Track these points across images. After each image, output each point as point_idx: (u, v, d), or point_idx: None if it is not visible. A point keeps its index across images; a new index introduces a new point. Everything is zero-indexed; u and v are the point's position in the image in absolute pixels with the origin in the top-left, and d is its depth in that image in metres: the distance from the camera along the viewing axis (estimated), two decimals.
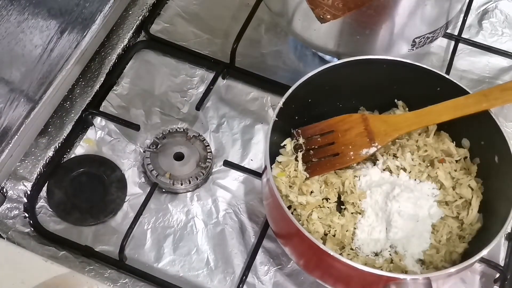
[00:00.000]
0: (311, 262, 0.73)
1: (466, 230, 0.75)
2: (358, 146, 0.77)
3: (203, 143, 0.87)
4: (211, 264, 0.81)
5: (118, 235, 0.81)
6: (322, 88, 0.78)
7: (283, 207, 0.68)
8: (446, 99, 0.79)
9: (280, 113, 0.74)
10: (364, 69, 0.78)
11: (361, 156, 0.77)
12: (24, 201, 0.83)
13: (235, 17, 1.01)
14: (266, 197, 0.76)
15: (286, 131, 0.80)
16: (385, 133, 0.77)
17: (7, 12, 0.71)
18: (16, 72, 0.77)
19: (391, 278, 0.65)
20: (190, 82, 0.95)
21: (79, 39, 0.87)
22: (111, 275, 0.79)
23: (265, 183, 0.74)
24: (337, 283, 0.72)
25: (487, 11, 1.03)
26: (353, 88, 0.81)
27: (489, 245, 0.66)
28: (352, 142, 0.77)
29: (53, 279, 0.68)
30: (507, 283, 0.80)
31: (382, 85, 0.80)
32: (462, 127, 0.78)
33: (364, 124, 0.78)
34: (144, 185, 0.85)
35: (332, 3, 0.78)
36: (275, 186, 0.69)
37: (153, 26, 1.00)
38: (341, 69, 0.77)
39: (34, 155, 0.86)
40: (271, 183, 0.69)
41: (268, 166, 0.71)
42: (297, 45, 0.97)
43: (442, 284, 0.72)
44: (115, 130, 0.89)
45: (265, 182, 0.73)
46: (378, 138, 0.77)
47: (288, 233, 0.73)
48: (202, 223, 0.83)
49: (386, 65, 0.78)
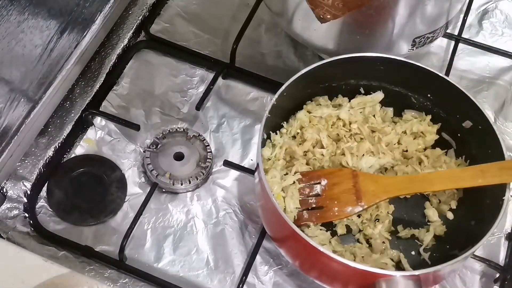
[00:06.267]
0: (306, 263, 0.73)
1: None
2: (343, 202, 0.75)
3: (203, 143, 0.87)
4: (211, 264, 0.81)
5: (118, 235, 0.81)
6: (316, 86, 0.79)
7: (277, 209, 0.68)
8: (445, 99, 0.79)
9: (273, 110, 0.74)
10: (359, 67, 0.78)
11: (345, 213, 0.75)
12: (24, 201, 0.83)
13: (235, 17, 1.01)
14: (258, 197, 0.76)
15: (280, 128, 0.80)
16: (374, 193, 0.75)
17: (7, 12, 0.71)
18: (16, 72, 0.77)
19: (381, 274, 0.65)
20: (190, 82, 0.95)
21: (79, 39, 0.87)
22: (111, 275, 0.79)
23: (257, 182, 0.74)
24: (333, 282, 0.72)
25: (487, 11, 1.03)
26: (347, 86, 0.81)
27: (477, 245, 0.67)
28: (338, 197, 0.76)
29: (53, 279, 0.68)
30: (507, 283, 0.80)
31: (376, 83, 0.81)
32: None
33: (354, 181, 0.76)
34: (144, 185, 0.85)
35: (332, 3, 0.78)
36: (268, 186, 0.69)
37: (153, 26, 1.00)
38: (337, 66, 0.77)
39: (34, 155, 0.86)
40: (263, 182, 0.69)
41: (260, 164, 0.71)
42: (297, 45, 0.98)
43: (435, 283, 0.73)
44: (115, 130, 0.89)
45: (257, 181, 0.73)
46: (366, 198, 0.75)
47: (282, 234, 0.73)
48: (202, 223, 0.83)
49: (380, 62, 0.78)
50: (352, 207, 0.75)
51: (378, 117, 0.82)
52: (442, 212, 0.79)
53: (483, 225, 0.70)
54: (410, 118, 0.82)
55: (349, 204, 0.75)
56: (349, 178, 0.76)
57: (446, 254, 0.74)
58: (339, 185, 0.76)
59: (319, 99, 0.81)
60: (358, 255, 0.75)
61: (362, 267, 0.65)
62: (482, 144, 0.76)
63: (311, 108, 0.81)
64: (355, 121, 0.81)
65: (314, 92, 0.81)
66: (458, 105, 0.77)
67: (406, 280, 0.65)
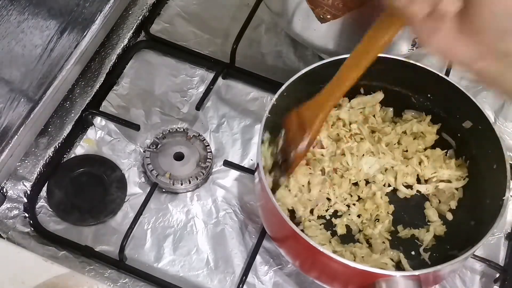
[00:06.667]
0: (306, 263, 0.73)
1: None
2: (296, 143, 0.74)
3: (203, 143, 0.87)
4: (211, 264, 0.81)
5: (118, 235, 0.81)
6: (316, 86, 0.79)
7: (277, 209, 0.68)
8: (445, 99, 0.79)
9: (273, 110, 0.74)
10: None
11: (300, 154, 0.74)
12: (24, 201, 0.83)
13: (235, 17, 1.01)
14: (258, 197, 0.76)
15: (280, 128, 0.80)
16: (310, 118, 0.73)
17: (7, 12, 0.71)
18: (16, 72, 0.77)
19: (381, 274, 0.65)
20: (190, 82, 0.95)
21: (79, 39, 0.87)
22: (111, 275, 0.79)
23: (257, 182, 0.74)
24: (332, 282, 0.72)
25: None
26: None
27: (476, 245, 0.67)
28: (293, 141, 0.74)
29: (53, 279, 0.68)
30: (507, 283, 0.80)
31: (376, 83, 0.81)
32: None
33: (297, 119, 0.74)
34: (144, 185, 0.85)
35: (332, 3, 0.78)
36: (268, 186, 0.69)
37: (153, 26, 1.00)
38: (337, 66, 0.77)
39: (34, 155, 0.86)
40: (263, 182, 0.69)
41: (260, 164, 0.71)
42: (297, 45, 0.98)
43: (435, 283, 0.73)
44: (115, 130, 0.89)
45: (257, 181, 0.73)
46: (308, 127, 0.73)
47: (282, 234, 0.73)
48: (202, 223, 0.83)
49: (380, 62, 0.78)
50: (302, 142, 0.73)
51: (378, 117, 0.82)
52: (442, 212, 0.79)
53: (483, 225, 0.70)
54: (410, 118, 0.82)
55: (300, 142, 0.73)
56: (295, 119, 0.74)
57: (446, 254, 0.74)
58: (291, 130, 0.74)
59: None
60: (358, 255, 0.75)
61: (362, 267, 0.65)
62: (482, 144, 0.76)
63: None
64: (355, 121, 0.81)
65: (315, 92, 0.81)
66: (458, 105, 0.77)
67: (406, 280, 0.65)
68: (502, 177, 0.71)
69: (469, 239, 0.71)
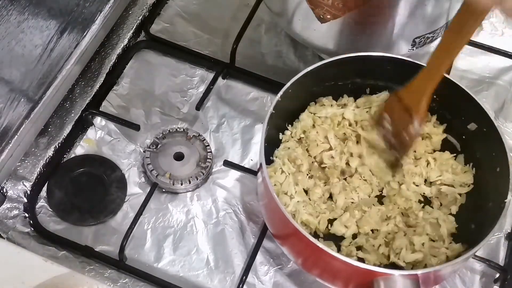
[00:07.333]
0: (308, 261, 0.73)
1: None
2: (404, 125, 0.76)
3: (203, 143, 0.87)
4: (211, 264, 0.81)
5: (118, 235, 0.81)
6: (321, 84, 0.79)
7: (279, 206, 0.68)
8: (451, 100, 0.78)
9: (278, 107, 0.74)
10: (365, 66, 0.78)
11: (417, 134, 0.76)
12: (24, 201, 0.83)
13: (235, 17, 1.01)
14: (261, 196, 0.76)
15: (282, 128, 0.80)
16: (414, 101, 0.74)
17: (7, 12, 0.71)
18: (16, 72, 0.77)
19: (380, 273, 0.65)
20: (190, 82, 0.95)
21: (79, 39, 0.87)
22: (111, 275, 0.79)
23: (260, 181, 0.74)
24: (334, 280, 0.72)
25: None
26: (353, 85, 0.81)
27: (477, 246, 0.67)
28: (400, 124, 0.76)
29: (53, 279, 0.68)
30: (507, 283, 0.80)
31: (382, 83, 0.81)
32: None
33: (399, 104, 0.76)
34: (144, 185, 0.85)
35: (332, 3, 0.78)
36: (271, 185, 0.69)
37: (153, 26, 1.00)
38: (343, 65, 0.77)
39: (34, 155, 0.86)
40: (266, 181, 0.69)
41: (263, 163, 0.71)
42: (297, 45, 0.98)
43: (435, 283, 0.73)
44: (115, 130, 0.89)
45: (260, 181, 0.73)
46: (414, 110, 0.74)
47: (285, 233, 0.73)
48: (202, 223, 0.83)
49: (387, 62, 0.78)
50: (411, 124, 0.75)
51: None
52: None
53: (484, 227, 0.70)
54: None
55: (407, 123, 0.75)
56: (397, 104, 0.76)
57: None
58: (395, 114, 0.77)
59: (323, 99, 0.81)
60: (358, 254, 0.75)
61: (362, 265, 0.66)
62: (486, 147, 0.75)
63: (315, 110, 0.81)
64: (361, 121, 0.81)
65: (319, 91, 0.81)
66: (463, 107, 0.77)
67: (404, 279, 0.65)
68: (504, 180, 0.71)
69: (470, 240, 0.71)
